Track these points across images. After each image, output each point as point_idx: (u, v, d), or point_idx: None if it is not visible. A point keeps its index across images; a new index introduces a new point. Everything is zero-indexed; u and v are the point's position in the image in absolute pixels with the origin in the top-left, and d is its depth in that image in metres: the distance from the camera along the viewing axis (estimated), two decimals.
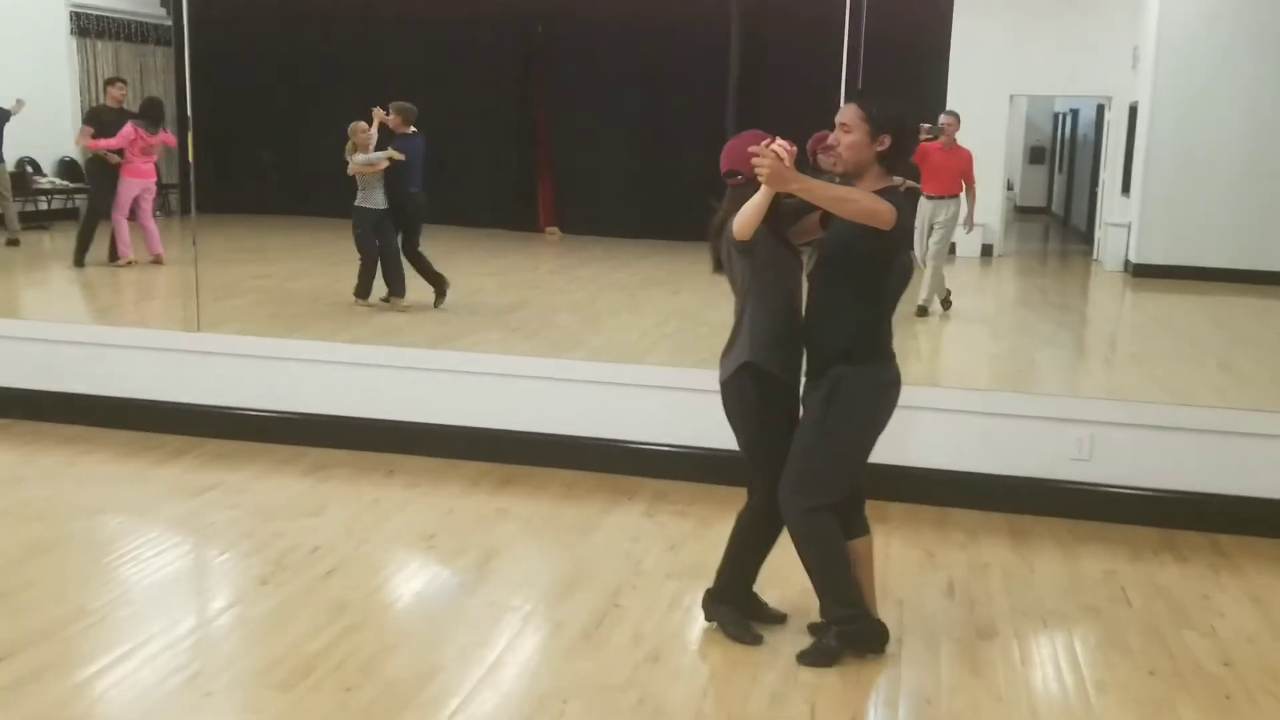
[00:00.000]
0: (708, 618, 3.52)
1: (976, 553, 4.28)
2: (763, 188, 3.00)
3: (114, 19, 11.40)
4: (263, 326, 6.65)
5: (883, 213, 2.99)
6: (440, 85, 9.71)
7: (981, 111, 7.58)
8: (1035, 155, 9.58)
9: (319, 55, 9.72)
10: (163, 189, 8.98)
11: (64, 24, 10.93)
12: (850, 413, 3.16)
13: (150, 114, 8.78)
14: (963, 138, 7.12)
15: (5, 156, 9.11)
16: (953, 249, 7.48)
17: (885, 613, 3.50)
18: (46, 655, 3.30)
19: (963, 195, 7.12)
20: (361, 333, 6.90)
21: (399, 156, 7.22)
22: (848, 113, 3.11)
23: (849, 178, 3.16)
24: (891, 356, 3.24)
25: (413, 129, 7.38)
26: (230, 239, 8.99)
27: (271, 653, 3.36)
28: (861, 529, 3.37)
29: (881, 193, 3.06)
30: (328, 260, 9.21)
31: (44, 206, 10.15)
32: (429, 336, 7.01)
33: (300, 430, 5.37)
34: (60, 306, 8.04)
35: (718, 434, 3.68)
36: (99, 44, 11.34)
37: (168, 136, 8.46)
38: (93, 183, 9.11)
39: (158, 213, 8.85)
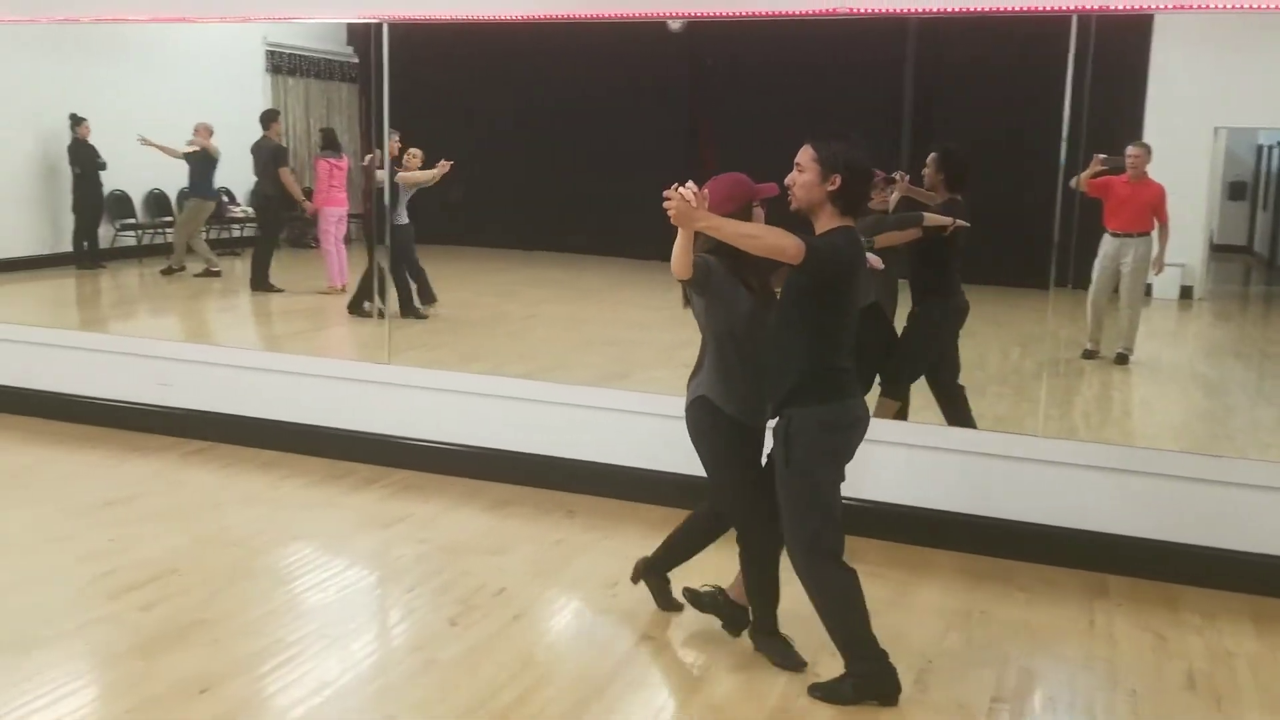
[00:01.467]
0: (634, 578, 3.99)
1: (1216, 639, 3.90)
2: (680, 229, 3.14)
3: (305, 57, 11.97)
4: (437, 356, 6.73)
5: (788, 247, 3.04)
6: (606, 121, 9.75)
7: (1181, 144, 7.09)
8: (1235, 191, 8.94)
9: (489, 91, 9.88)
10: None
11: (261, 62, 11.54)
12: (803, 454, 3.21)
13: (333, 144, 9.14)
14: (1157, 172, 6.67)
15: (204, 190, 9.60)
16: (1148, 290, 7.00)
17: (1115, 702, 3.20)
18: (246, 691, 3.35)
19: (1154, 234, 6.64)
20: (535, 365, 6.93)
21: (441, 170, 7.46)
22: (803, 153, 3.22)
23: (806, 216, 3.24)
24: (850, 395, 3.26)
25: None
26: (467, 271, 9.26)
27: (464, 700, 3.32)
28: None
29: (827, 234, 3.15)
30: (497, 290, 9.36)
31: (236, 234, 10.66)
32: (601, 374, 6.99)
33: (481, 464, 5.40)
34: (252, 333, 8.39)
35: (929, 494, 3.46)
36: (290, 80, 11.93)
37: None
38: (269, 213, 9.49)
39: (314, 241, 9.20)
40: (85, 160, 9.24)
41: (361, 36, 12.71)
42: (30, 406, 6.30)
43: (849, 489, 3.39)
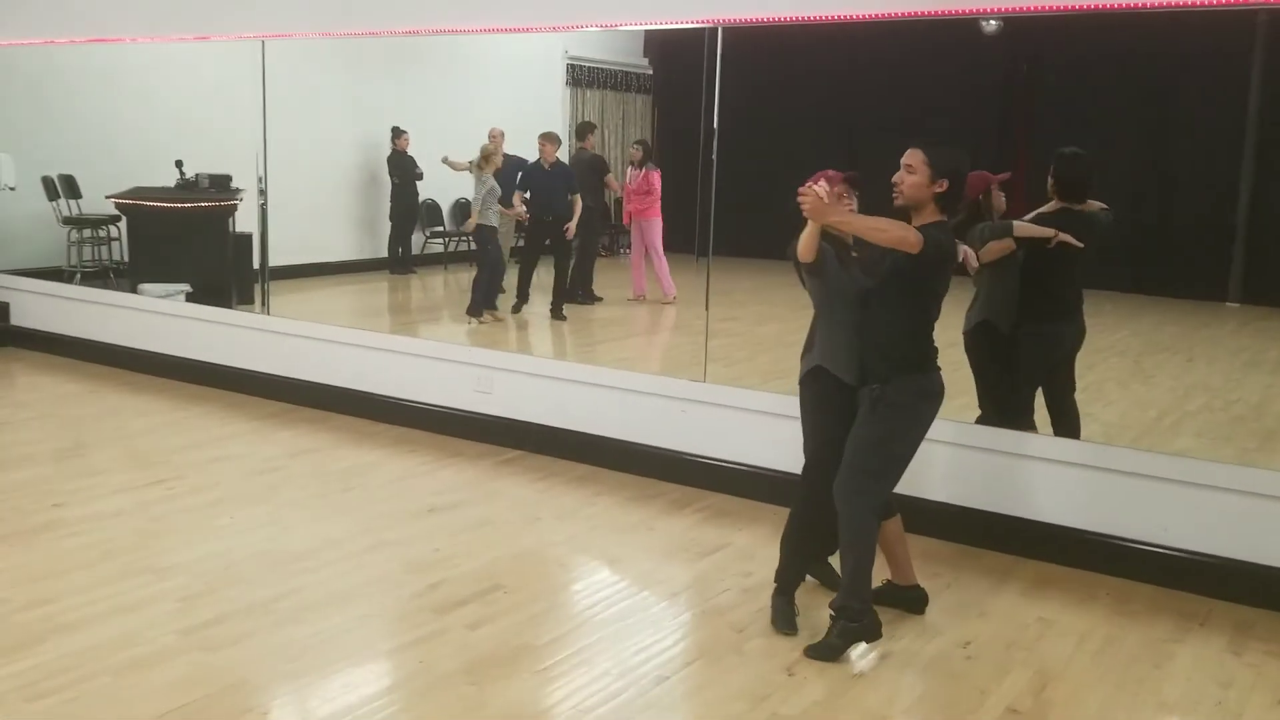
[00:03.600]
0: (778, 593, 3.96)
1: None
2: (808, 222, 3.56)
3: (602, 70, 12.15)
4: (737, 373, 6.35)
5: (911, 239, 3.43)
6: (911, 128, 9.12)
7: None
8: None
9: (789, 100, 9.50)
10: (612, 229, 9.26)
11: (562, 75, 11.78)
12: (896, 415, 3.60)
13: (650, 155, 9.08)
14: None
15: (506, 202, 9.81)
16: None
17: None
18: None
19: None
20: None
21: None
22: (913, 156, 3.57)
23: (907, 211, 3.57)
24: (936, 369, 3.68)
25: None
26: (695, 279, 9.02)
27: None
28: (891, 510, 3.87)
29: (927, 227, 3.49)
30: (794, 304, 8.98)
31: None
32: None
33: (784, 492, 5.02)
34: (567, 343, 8.40)
35: None
36: (587, 93, 12.13)
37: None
38: (590, 224, 9.51)
39: (623, 250, 9.09)
40: (403, 171, 9.67)
41: (657, 48, 12.76)
42: (358, 408, 6.54)
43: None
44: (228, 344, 7.23)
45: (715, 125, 5.50)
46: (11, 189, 8.38)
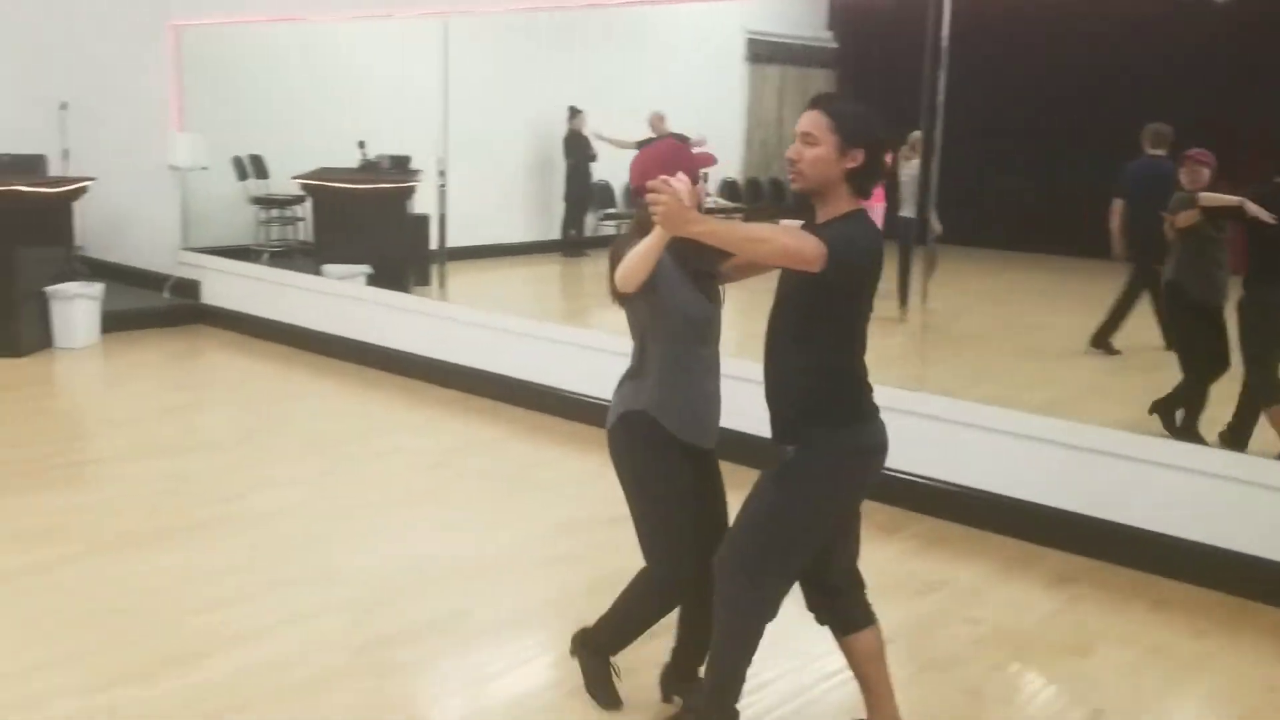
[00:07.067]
0: (571, 651, 3.17)
1: None
2: (656, 230, 2.54)
3: (784, 44, 11.57)
4: (934, 375, 5.68)
5: (806, 251, 2.46)
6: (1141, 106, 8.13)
7: None
8: None
9: (1065, 75, 8.57)
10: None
11: (740, 50, 11.26)
12: (806, 482, 2.65)
13: None
14: None
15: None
16: None
17: None
18: None
19: None
20: (1056, 394, 5.76)
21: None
22: (812, 122, 2.57)
23: (809, 198, 2.62)
24: (871, 418, 2.68)
25: None
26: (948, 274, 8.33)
27: None
28: (865, 618, 2.81)
29: (834, 228, 2.53)
30: (995, 297, 8.24)
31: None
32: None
33: (1024, 523, 4.43)
34: (740, 336, 7.92)
35: None
36: (768, 69, 11.59)
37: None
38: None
39: None
40: (578, 151, 9.39)
41: (843, 19, 12.00)
42: (534, 400, 6.26)
43: None
44: (404, 329, 7.08)
45: (940, 97, 4.85)
46: (204, 169, 8.50)
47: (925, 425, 4.71)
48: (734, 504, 2.79)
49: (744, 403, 3.28)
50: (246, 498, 4.75)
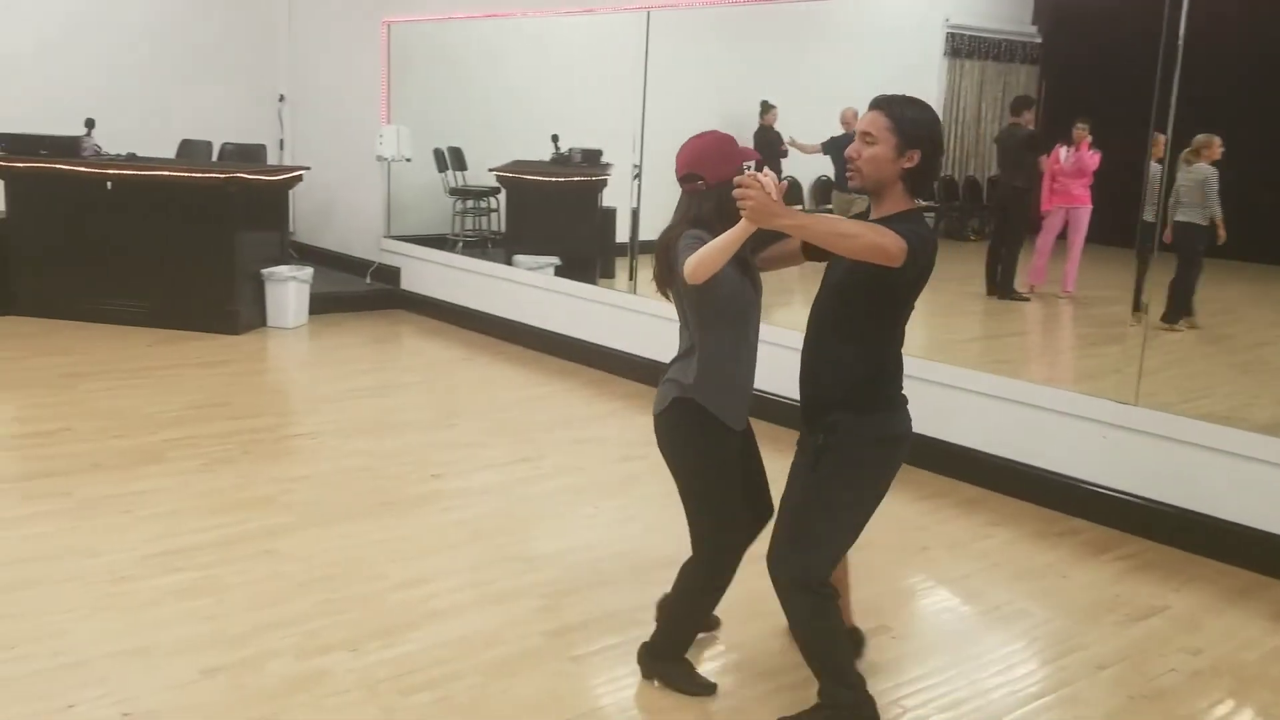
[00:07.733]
0: (645, 675, 3.20)
1: None
2: (740, 223, 2.58)
3: (985, 39, 11.15)
4: (1151, 387, 5.32)
5: (889, 247, 2.50)
6: None
7: None
8: None
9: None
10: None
11: (940, 44, 10.91)
12: (846, 469, 2.77)
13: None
14: None
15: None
16: None
17: None
18: None
19: None
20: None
21: None
22: (872, 121, 2.67)
23: (866, 195, 2.73)
24: (901, 406, 2.82)
25: None
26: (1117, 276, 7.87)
27: None
28: None
29: (900, 217, 2.65)
30: (1216, 308, 7.66)
31: None
32: None
33: (1246, 551, 4.11)
34: (950, 342, 7.64)
35: None
36: (967, 64, 11.18)
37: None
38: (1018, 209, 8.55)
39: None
40: (769, 147, 9.28)
41: (1050, 13, 11.44)
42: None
43: None
44: (592, 320, 7.18)
45: (1174, 90, 4.52)
46: (408, 160, 8.86)
47: (1149, 444, 4.44)
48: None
49: None
50: (445, 479, 4.92)
